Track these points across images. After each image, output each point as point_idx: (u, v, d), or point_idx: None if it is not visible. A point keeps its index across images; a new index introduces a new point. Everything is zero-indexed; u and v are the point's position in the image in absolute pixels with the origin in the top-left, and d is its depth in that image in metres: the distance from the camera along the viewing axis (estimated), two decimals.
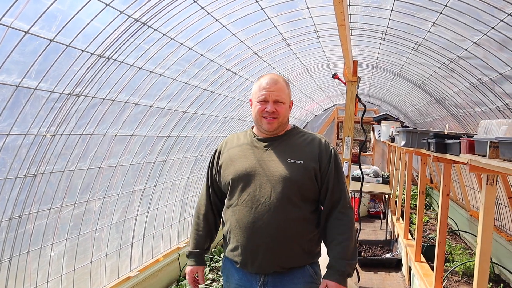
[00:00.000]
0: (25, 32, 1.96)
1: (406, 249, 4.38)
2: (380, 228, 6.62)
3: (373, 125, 8.26)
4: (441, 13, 3.08)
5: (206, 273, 4.30)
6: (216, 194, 1.93)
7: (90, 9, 2.19)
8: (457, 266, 4.07)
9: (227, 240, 1.83)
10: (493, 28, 2.77)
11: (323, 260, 1.79)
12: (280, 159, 1.75)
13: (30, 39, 2.02)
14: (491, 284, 3.84)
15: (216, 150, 1.92)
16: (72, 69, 2.37)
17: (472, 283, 3.82)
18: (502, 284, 3.86)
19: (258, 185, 1.72)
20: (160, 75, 3.21)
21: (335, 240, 1.72)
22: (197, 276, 1.93)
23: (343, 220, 1.73)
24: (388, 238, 5.72)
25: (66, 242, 2.90)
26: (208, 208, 1.93)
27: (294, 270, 1.75)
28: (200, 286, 1.99)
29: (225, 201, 1.86)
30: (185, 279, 4.19)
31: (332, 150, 1.80)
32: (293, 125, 1.90)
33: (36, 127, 2.36)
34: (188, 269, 1.92)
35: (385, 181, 6.70)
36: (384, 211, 6.78)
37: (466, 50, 3.38)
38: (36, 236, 2.63)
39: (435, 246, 3.06)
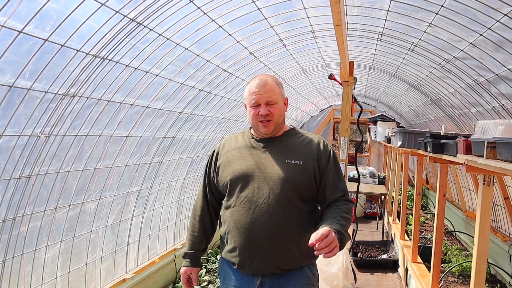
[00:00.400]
0: (18, 31, 1.93)
1: (403, 250, 4.38)
2: (377, 229, 6.62)
3: (369, 126, 8.28)
4: (437, 13, 3.09)
5: (202, 275, 4.28)
6: (214, 195, 1.92)
7: (85, 9, 2.17)
8: (454, 267, 4.07)
9: (225, 241, 1.82)
10: (489, 28, 2.78)
11: (321, 261, 1.78)
12: (278, 160, 1.74)
13: (24, 39, 2.00)
14: (487, 284, 3.85)
15: (214, 151, 1.91)
16: (67, 69, 2.35)
17: (468, 283, 3.83)
18: (498, 285, 3.87)
19: (256, 186, 1.71)
20: (156, 75, 3.19)
21: (330, 217, 1.63)
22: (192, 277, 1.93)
23: (342, 207, 1.71)
24: (385, 239, 5.72)
25: (60, 244, 2.87)
26: (205, 209, 1.92)
27: (292, 272, 1.73)
28: (194, 287, 1.99)
29: (223, 202, 1.85)
30: (181, 281, 4.16)
31: (331, 150, 1.80)
32: (292, 126, 1.90)
33: (30, 128, 2.34)
34: (182, 269, 1.93)
35: (381, 181, 6.71)
36: (380, 212, 6.79)
37: (462, 50, 3.39)
38: (30, 238, 2.60)
39: (431, 246, 3.06)
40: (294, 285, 1.72)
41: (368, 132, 9.04)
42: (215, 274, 4.37)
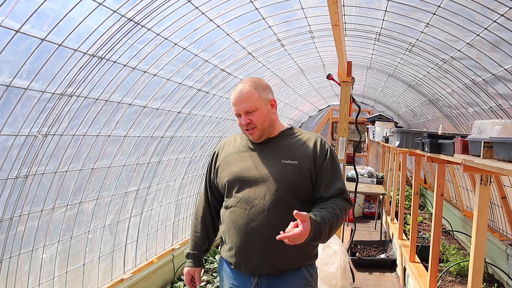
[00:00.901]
0: (16, 31, 1.93)
1: (401, 250, 4.39)
2: (375, 229, 6.63)
3: (368, 126, 8.29)
4: (434, 13, 3.09)
5: (201, 275, 4.27)
6: (215, 196, 1.92)
7: (83, 8, 2.17)
8: (451, 266, 4.08)
9: (223, 240, 1.83)
10: (486, 29, 2.79)
11: (319, 261, 1.78)
12: (274, 160, 1.74)
13: (21, 38, 1.99)
14: (485, 284, 3.86)
15: (214, 152, 1.92)
16: (64, 68, 2.34)
17: (466, 283, 3.84)
18: (496, 284, 3.88)
19: (252, 187, 1.71)
20: (154, 75, 3.19)
21: (321, 206, 1.64)
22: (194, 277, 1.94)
23: (337, 203, 1.69)
24: (383, 238, 5.73)
25: (58, 244, 2.86)
26: (206, 210, 1.94)
27: (289, 272, 1.73)
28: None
29: (223, 202, 1.86)
30: (179, 281, 4.16)
31: (329, 148, 1.78)
32: (290, 125, 1.89)
33: (28, 128, 2.33)
34: (185, 269, 1.96)
35: (380, 181, 6.72)
36: (378, 211, 6.80)
37: (459, 51, 3.39)
38: (28, 238, 2.59)
39: (429, 246, 3.06)
40: (291, 286, 1.72)
41: (366, 132, 9.05)
42: (214, 274, 4.37)
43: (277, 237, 1.47)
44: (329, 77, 4.18)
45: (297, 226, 1.48)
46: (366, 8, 3.60)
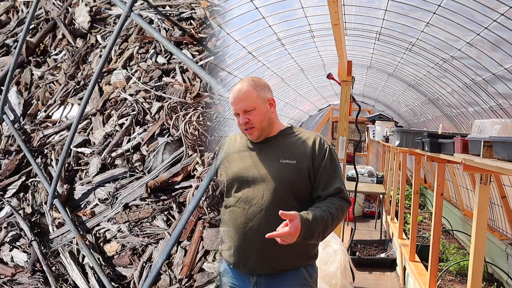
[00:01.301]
0: None
1: (401, 249, 4.39)
2: (375, 228, 6.63)
3: (368, 125, 8.30)
4: (434, 13, 3.10)
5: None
6: None
7: None
8: (451, 266, 4.08)
9: (223, 240, 1.83)
10: (486, 28, 2.79)
11: (319, 260, 1.78)
12: (272, 160, 1.74)
13: None
14: (484, 283, 3.86)
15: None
16: None
17: (466, 282, 3.84)
18: (495, 283, 3.88)
19: (251, 186, 1.71)
20: None
21: (316, 205, 1.63)
22: None
23: (334, 202, 1.67)
24: (383, 238, 5.73)
25: None
26: None
27: (288, 272, 1.72)
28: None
29: (223, 201, 1.86)
30: None
31: (328, 147, 1.76)
32: (290, 124, 1.89)
33: None
34: None
35: (380, 181, 6.72)
36: (378, 211, 6.80)
37: (459, 50, 3.40)
38: None
39: (429, 245, 3.07)
40: (290, 286, 1.71)
41: (366, 132, 9.06)
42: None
43: (266, 235, 1.46)
44: (329, 76, 4.18)
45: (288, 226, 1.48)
46: (366, 8, 3.61)
